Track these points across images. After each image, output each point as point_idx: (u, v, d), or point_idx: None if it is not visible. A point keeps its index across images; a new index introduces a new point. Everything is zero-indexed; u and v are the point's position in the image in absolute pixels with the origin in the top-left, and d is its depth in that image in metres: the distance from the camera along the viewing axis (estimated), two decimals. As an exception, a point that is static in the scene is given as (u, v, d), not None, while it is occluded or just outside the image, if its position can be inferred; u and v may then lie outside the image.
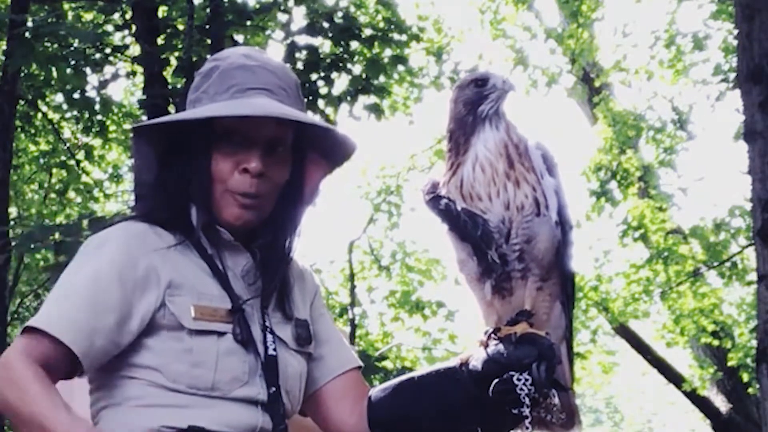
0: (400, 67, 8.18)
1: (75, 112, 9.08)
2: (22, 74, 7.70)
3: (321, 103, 7.17)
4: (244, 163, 1.76)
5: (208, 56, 6.53)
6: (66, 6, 8.23)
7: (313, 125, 1.86)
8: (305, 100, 1.99)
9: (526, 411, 1.62)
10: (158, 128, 1.83)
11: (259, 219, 1.80)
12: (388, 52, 7.85)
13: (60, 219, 10.60)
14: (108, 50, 7.79)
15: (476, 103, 1.75)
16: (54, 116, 9.85)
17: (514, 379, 1.62)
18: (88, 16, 8.87)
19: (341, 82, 7.43)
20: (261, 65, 1.83)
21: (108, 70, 8.06)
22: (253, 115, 1.74)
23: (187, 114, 1.81)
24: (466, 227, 1.72)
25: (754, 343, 5.88)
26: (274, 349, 1.77)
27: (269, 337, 1.77)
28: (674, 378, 12.84)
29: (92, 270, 1.70)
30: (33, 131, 10.04)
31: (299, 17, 7.71)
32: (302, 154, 1.86)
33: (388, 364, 9.21)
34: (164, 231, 1.78)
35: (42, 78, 8.33)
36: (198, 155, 1.78)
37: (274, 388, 1.74)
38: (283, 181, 1.82)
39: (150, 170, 1.85)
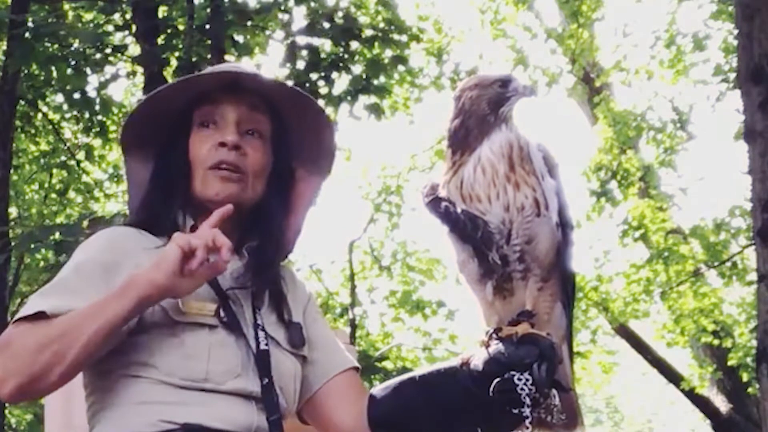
0: (401, 68, 8.19)
1: (75, 112, 9.08)
2: (22, 74, 7.71)
3: (321, 102, 7.18)
4: (219, 140, 1.83)
5: (208, 56, 6.57)
6: (66, 6, 8.23)
7: (292, 104, 1.90)
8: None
9: (527, 411, 1.62)
10: (145, 140, 1.89)
11: (240, 196, 1.83)
12: (388, 53, 7.86)
13: (60, 219, 10.62)
14: (108, 50, 7.79)
15: (498, 103, 1.75)
16: (54, 116, 9.86)
17: (515, 378, 1.61)
18: (88, 16, 8.86)
19: (342, 82, 7.44)
20: (243, 68, 1.94)
21: (108, 70, 8.06)
22: (222, 71, 1.84)
23: (159, 89, 1.87)
24: (467, 229, 1.71)
25: (754, 343, 5.88)
26: (266, 344, 1.78)
27: (261, 333, 1.78)
28: (674, 378, 12.85)
29: (76, 265, 1.74)
30: (33, 131, 10.04)
31: (299, 17, 7.71)
32: (287, 165, 1.91)
33: (388, 364, 9.22)
34: (151, 236, 1.82)
35: (42, 78, 8.33)
36: (177, 144, 1.85)
37: (266, 379, 1.75)
38: (263, 165, 1.86)
39: (142, 189, 1.91)
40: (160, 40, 7.27)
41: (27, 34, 6.50)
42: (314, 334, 1.93)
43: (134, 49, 8.08)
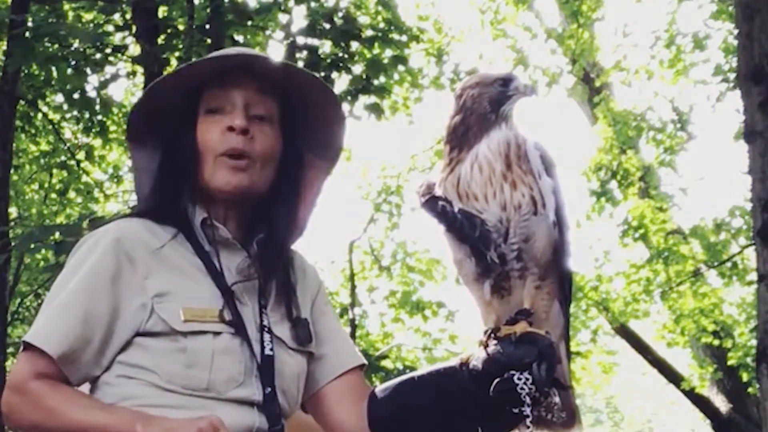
0: (401, 68, 8.19)
1: (75, 112, 9.07)
2: (22, 74, 7.69)
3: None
4: (228, 124, 1.80)
5: (208, 56, 6.56)
6: (66, 6, 8.21)
7: (301, 86, 1.88)
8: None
9: (527, 410, 1.62)
10: (150, 130, 1.87)
11: (250, 186, 1.81)
12: (388, 53, 7.86)
13: (60, 219, 10.61)
14: (108, 50, 7.77)
15: (499, 102, 1.76)
16: (54, 116, 9.85)
17: (515, 378, 1.61)
18: (88, 16, 8.85)
19: (342, 82, 7.43)
20: (251, 52, 1.92)
21: (108, 70, 8.05)
22: (226, 55, 1.82)
23: (165, 76, 1.87)
24: (464, 229, 1.71)
25: (754, 343, 5.88)
26: (271, 349, 1.77)
27: (266, 336, 1.77)
28: (674, 378, 12.85)
29: (83, 280, 1.72)
30: (33, 131, 10.03)
31: (299, 17, 7.71)
32: (297, 151, 1.89)
33: (388, 364, 9.21)
34: (158, 227, 1.80)
35: (42, 78, 8.32)
36: (184, 131, 1.83)
37: (269, 389, 1.74)
38: (272, 150, 1.84)
39: (149, 182, 1.88)
40: (160, 40, 7.26)
41: (27, 34, 6.49)
42: (322, 328, 1.91)
43: (134, 49, 8.07)
